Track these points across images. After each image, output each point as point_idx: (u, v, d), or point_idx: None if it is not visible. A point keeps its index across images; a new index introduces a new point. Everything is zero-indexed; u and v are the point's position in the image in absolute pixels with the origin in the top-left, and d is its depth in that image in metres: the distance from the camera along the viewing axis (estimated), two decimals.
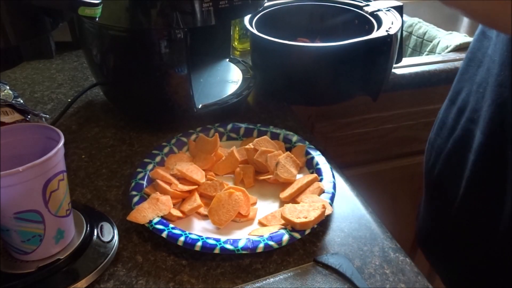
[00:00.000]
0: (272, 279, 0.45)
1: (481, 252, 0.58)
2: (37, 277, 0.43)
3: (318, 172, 0.58)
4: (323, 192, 0.55)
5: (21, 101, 0.68)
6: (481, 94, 0.56)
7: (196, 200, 0.54)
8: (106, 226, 0.50)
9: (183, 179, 0.57)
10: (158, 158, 0.61)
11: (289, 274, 0.46)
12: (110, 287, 0.45)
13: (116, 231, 0.50)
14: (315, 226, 0.50)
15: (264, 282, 0.45)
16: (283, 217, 0.50)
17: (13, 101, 0.64)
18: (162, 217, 0.51)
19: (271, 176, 0.58)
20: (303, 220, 0.48)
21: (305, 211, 0.49)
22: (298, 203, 0.53)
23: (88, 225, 0.49)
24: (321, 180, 0.57)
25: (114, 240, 0.49)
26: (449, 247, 0.64)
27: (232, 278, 0.46)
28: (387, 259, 0.48)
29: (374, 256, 0.49)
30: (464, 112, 0.60)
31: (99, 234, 0.49)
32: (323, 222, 0.52)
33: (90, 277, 0.44)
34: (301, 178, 0.57)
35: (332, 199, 0.53)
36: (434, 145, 0.66)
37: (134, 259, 0.48)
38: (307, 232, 0.49)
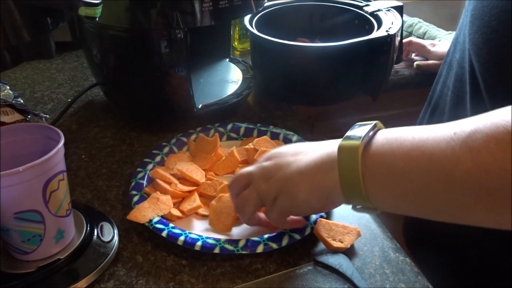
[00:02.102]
0: (272, 279, 0.45)
1: (466, 256, 0.58)
2: (37, 277, 0.43)
3: None
4: None
5: (21, 101, 0.68)
6: (446, 97, 0.57)
7: (196, 200, 0.54)
8: (106, 226, 0.50)
9: (183, 179, 0.57)
10: (158, 158, 0.61)
11: (289, 274, 0.46)
12: (110, 287, 0.45)
13: (116, 231, 0.50)
14: (314, 226, 0.50)
15: (264, 282, 0.45)
16: (318, 234, 0.49)
17: (13, 101, 0.64)
18: (162, 216, 0.51)
19: None
20: (339, 244, 0.48)
21: (340, 233, 0.49)
22: None
23: (88, 225, 0.49)
24: None
25: (114, 240, 0.49)
26: (435, 249, 0.64)
27: (232, 278, 0.46)
28: (387, 259, 0.48)
29: (374, 256, 0.49)
30: (435, 114, 0.60)
31: (99, 234, 0.49)
32: None
33: (90, 277, 0.44)
34: None
35: None
36: None
37: (134, 259, 0.48)
38: (307, 232, 0.49)
